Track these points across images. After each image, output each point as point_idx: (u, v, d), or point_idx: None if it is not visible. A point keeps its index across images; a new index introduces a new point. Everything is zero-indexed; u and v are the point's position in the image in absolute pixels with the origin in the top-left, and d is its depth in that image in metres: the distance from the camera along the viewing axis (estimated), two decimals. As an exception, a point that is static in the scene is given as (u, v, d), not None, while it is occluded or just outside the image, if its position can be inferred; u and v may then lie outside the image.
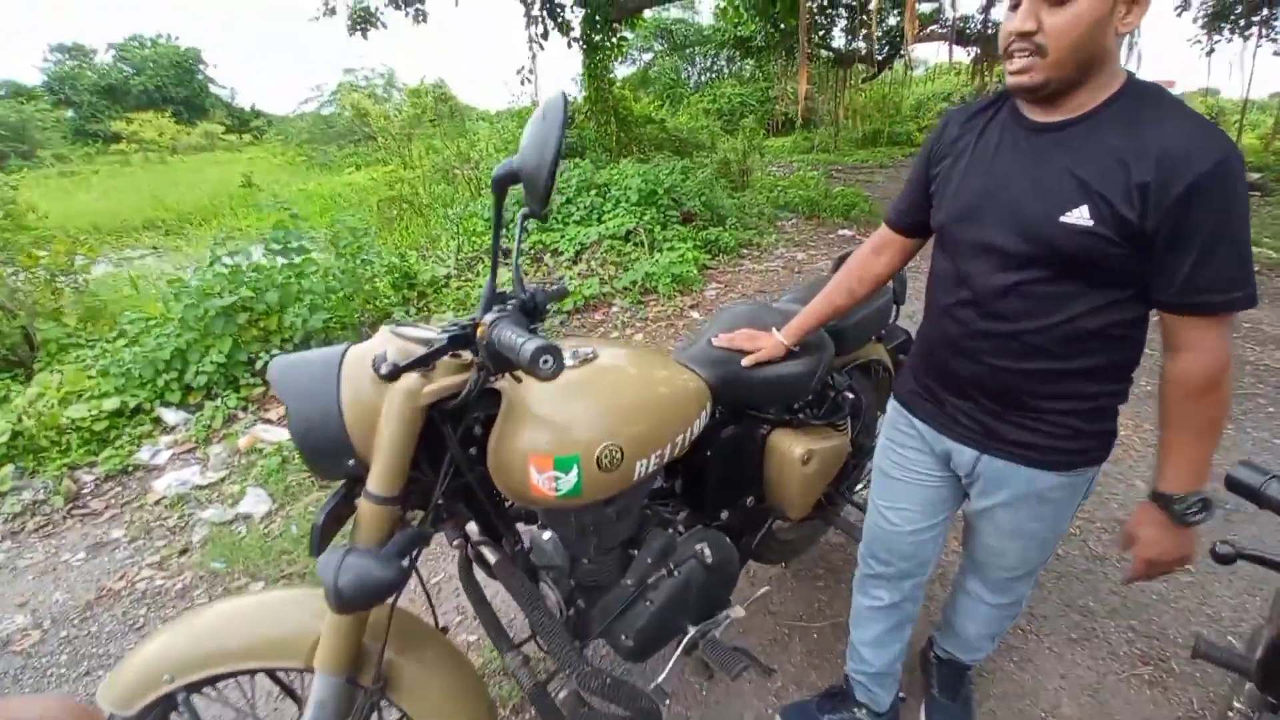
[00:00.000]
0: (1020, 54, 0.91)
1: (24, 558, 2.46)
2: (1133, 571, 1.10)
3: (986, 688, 1.69)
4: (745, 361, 1.44)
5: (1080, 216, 0.92)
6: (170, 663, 1.00)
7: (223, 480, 2.80)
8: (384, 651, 1.05)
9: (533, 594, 1.13)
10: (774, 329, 1.47)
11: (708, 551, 1.38)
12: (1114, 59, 0.92)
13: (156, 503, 2.68)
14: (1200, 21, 13.26)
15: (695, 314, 4.83)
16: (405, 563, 0.90)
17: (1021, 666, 1.76)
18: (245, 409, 3.33)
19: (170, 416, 3.24)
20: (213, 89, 38.96)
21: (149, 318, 3.82)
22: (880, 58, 14.90)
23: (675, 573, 1.36)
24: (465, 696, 1.14)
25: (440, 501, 1.03)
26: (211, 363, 3.28)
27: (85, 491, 2.79)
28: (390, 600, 1.07)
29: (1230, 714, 1.14)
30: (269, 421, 3.25)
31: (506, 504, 1.22)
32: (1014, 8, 0.91)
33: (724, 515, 1.53)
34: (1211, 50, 13.25)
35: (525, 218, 1.05)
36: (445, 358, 0.95)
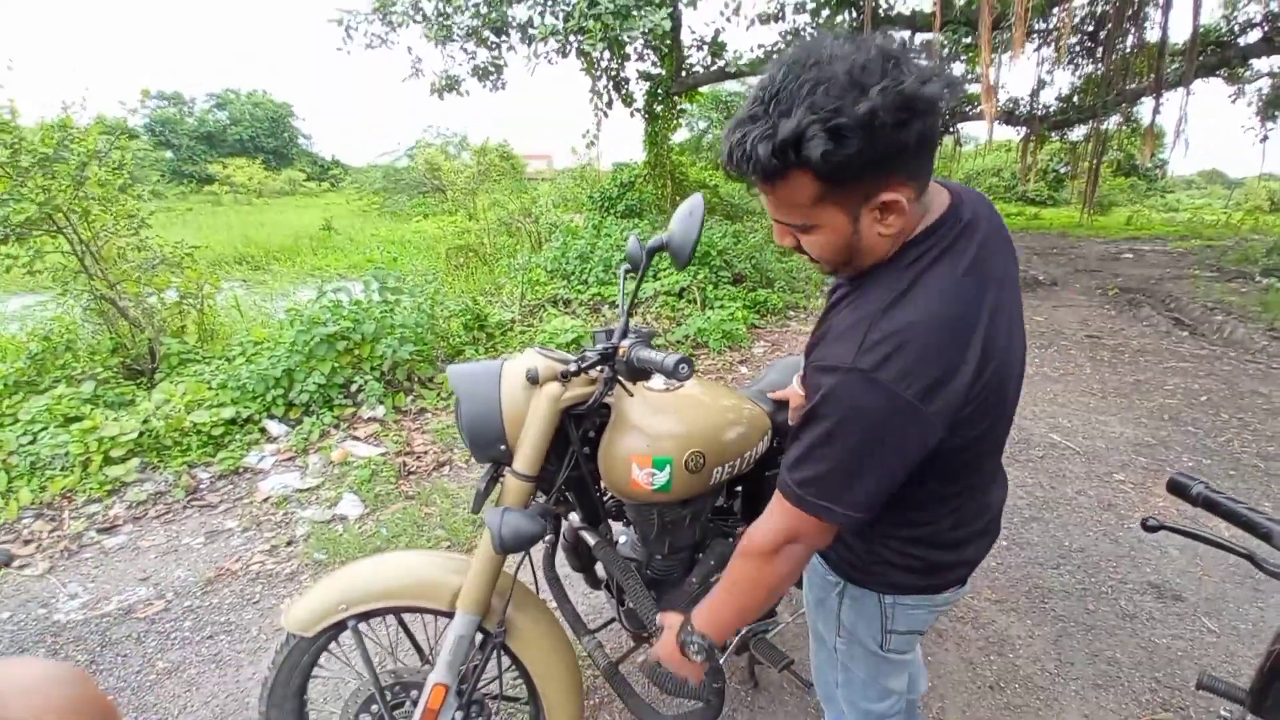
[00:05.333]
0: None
1: (146, 539, 2.82)
2: (650, 654, 1.15)
3: (1014, 718, 1.84)
4: (792, 419, 1.59)
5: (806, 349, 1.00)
6: (346, 595, 1.30)
7: (320, 485, 3.15)
8: (507, 607, 1.32)
9: (626, 565, 1.39)
10: None
11: (762, 560, 1.62)
12: (887, 248, 0.85)
13: (264, 501, 3.04)
14: (1255, 108, 13.36)
15: (744, 369, 5.10)
16: (544, 522, 1.18)
17: (1048, 705, 1.89)
18: (337, 426, 3.72)
19: (274, 428, 3.65)
20: (299, 140, 42.32)
21: (257, 340, 4.32)
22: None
23: (734, 576, 1.60)
24: (563, 654, 1.40)
25: (559, 485, 1.32)
26: (314, 383, 3.71)
27: (202, 487, 3.18)
28: (517, 562, 1.36)
29: None
30: (357, 439, 3.62)
31: (605, 499, 1.50)
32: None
33: (776, 532, 1.77)
34: (1265, 137, 13.29)
35: (626, 274, 1.38)
36: (575, 372, 1.25)
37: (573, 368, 1.20)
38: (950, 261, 0.83)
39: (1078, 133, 14.31)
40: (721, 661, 1.46)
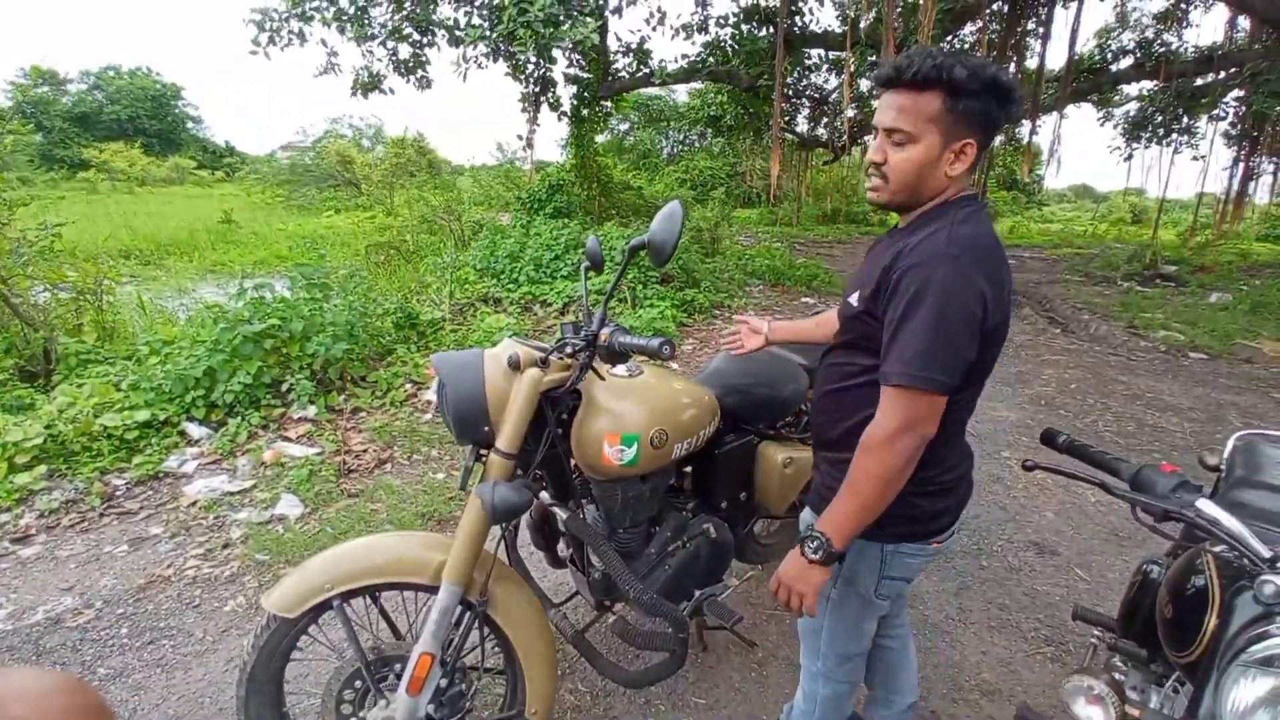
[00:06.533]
0: (873, 177, 1.15)
1: (63, 549, 2.66)
2: (772, 583, 1.22)
3: (925, 659, 2.11)
4: (735, 352, 1.80)
5: (857, 299, 1.17)
6: (331, 575, 1.35)
7: (253, 488, 3.06)
8: (487, 580, 1.42)
9: (597, 534, 1.52)
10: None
11: (713, 530, 1.80)
12: (945, 191, 1.13)
13: (190, 505, 2.93)
14: (1121, 129, 15.10)
15: (674, 365, 5.30)
16: (529, 493, 1.30)
17: (952, 645, 2.19)
18: (265, 427, 3.59)
19: (194, 430, 3.49)
20: (188, 124, 39.13)
21: (167, 340, 4.09)
22: (840, 144, 16.33)
23: (687, 545, 1.76)
24: (539, 623, 1.51)
25: (537, 463, 1.44)
26: (239, 383, 3.57)
27: (118, 494, 3.01)
28: (497, 538, 1.46)
29: (1098, 656, 1.55)
30: (288, 439, 3.52)
31: (575, 477, 1.62)
32: (875, 138, 1.14)
33: (723, 505, 1.95)
34: (1130, 156, 15.05)
35: (586, 270, 1.56)
36: (555, 359, 1.37)
37: (567, 349, 1.32)
38: (986, 217, 1.13)
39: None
40: (685, 613, 1.62)
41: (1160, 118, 13.84)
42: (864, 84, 12.90)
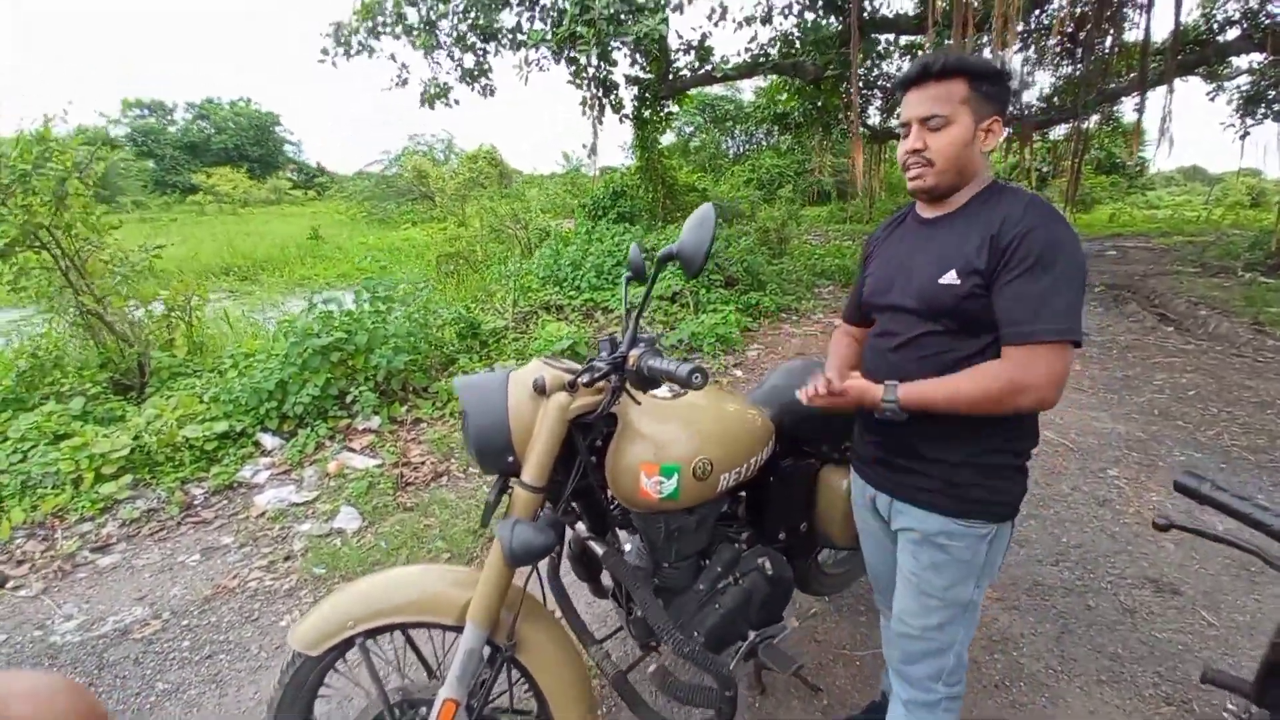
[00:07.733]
0: (915, 166, 1.21)
1: (140, 558, 2.78)
2: (821, 387, 1.26)
3: (1018, 715, 1.84)
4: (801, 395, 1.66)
5: (950, 278, 1.17)
6: (353, 613, 1.28)
7: (316, 499, 3.12)
8: (516, 620, 1.32)
9: (635, 574, 1.39)
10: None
11: (769, 565, 1.62)
12: (983, 167, 1.22)
13: (259, 515, 3.01)
14: (1235, 105, 13.58)
15: (738, 372, 5.10)
16: (554, 534, 1.18)
17: (1053, 702, 1.90)
18: (332, 438, 3.68)
19: (268, 441, 3.61)
20: (287, 148, 42.12)
21: (249, 353, 4.28)
22: (916, 136, 15.49)
23: (740, 581, 1.59)
24: (573, 666, 1.39)
25: (568, 495, 1.32)
26: (308, 395, 3.67)
27: (196, 503, 3.14)
28: (527, 574, 1.35)
29: None
30: (353, 450, 3.59)
31: (612, 508, 1.49)
32: (906, 135, 1.22)
33: (781, 537, 1.77)
34: (1246, 134, 13.49)
35: (628, 281, 1.42)
36: (584, 382, 1.25)
37: (584, 378, 1.20)
38: None
39: (1058, 131, 14.48)
40: (732, 668, 1.46)
41: (1274, 93, 12.35)
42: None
